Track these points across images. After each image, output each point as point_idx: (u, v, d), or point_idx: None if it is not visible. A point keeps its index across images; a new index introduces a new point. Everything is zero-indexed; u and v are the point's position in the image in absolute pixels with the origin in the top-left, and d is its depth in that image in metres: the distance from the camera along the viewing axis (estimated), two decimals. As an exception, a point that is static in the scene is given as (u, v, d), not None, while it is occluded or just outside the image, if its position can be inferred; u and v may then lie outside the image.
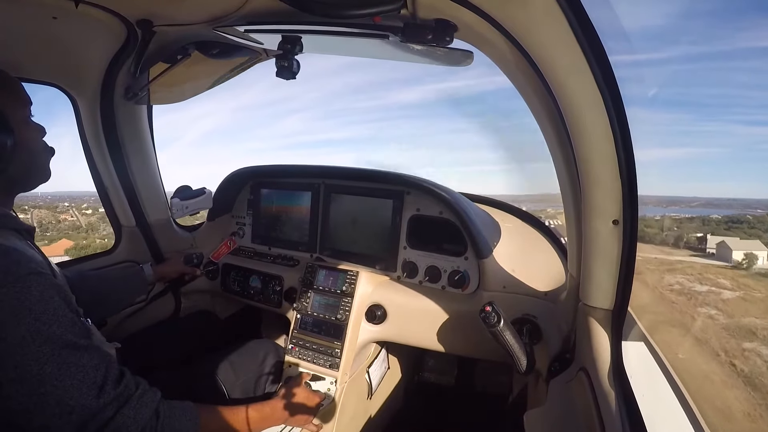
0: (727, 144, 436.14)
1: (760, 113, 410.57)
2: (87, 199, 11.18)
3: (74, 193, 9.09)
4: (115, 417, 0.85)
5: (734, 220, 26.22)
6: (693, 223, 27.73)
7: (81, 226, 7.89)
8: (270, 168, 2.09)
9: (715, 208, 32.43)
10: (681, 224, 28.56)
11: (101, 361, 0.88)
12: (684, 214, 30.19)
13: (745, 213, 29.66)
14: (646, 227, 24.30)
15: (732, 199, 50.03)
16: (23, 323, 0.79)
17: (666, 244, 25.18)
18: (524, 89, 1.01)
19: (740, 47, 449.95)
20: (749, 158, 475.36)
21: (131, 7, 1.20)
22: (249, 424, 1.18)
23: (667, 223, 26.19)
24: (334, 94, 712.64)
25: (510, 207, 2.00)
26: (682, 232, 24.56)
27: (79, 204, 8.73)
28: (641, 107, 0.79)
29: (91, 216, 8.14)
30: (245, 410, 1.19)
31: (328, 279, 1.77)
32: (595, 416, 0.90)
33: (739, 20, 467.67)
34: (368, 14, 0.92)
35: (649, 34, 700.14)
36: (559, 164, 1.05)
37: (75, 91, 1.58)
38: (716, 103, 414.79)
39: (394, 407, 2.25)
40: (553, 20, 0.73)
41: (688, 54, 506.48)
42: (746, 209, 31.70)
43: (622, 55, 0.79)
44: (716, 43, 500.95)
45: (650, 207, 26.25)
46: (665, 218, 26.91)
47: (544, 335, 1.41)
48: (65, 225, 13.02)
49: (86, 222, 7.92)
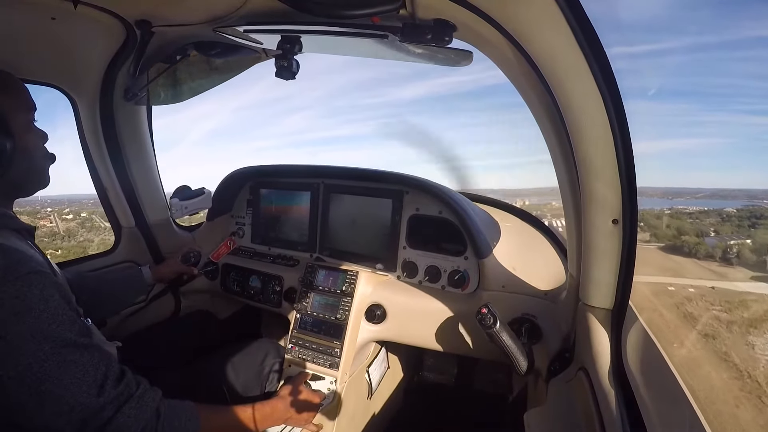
0: (731, 134, 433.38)
1: (764, 103, 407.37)
2: (85, 202, 11.14)
3: (62, 197, 9.04)
4: (115, 416, 0.85)
5: (756, 214, 23.81)
6: (710, 217, 25.21)
7: (58, 232, 7.84)
8: (269, 168, 2.09)
9: (721, 199, 30.76)
10: (698, 219, 25.36)
11: (102, 359, 0.88)
12: (693, 206, 28.12)
13: (755, 204, 28.01)
14: (681, 234, 20.18)
15: (736, 190, 48.58)
16: (23, 321, 0.79)
17: (712, 258, 18.89)
18: (523, 89, 1.01)
19: (745, 36, 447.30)
20: (753, 148, 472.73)
21: (130, 7, 1.20)
22: (249, 424, 1.18)
23: (704, 227, 22.21)
24: (337, 92, 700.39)
25: (510, 206, 2.00)
26: (732, 243, 19.32)
27: (62, 209, 8.66)
28: (644, 99, 0.79)
29: (71, 221, 8.06)
30: (245, 410, 1.19)
31: (328, 279, 1.77)
32: (594, 416, 0.90)
33: (745, 10, 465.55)
34: (367, 14, 0.93)
35: (651, 26, 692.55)
36: (558, 163, 1.05)
37: (74, 92, 1.58)
38: (720, 93, 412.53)
39: (393, 407, 2.25)
40: (552, 20, 0.73)
41: (692, 44, 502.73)
42: (753, 200, 30.31)
43: (623, 47, 0.79)
44: (722, 32, 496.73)
45: (655, 199, 23.68)
46: (700, 219, 23.23)
47: (544, 335, 1.41)
48: (41, 232, 12.87)
49: (65, 228, 7.84)
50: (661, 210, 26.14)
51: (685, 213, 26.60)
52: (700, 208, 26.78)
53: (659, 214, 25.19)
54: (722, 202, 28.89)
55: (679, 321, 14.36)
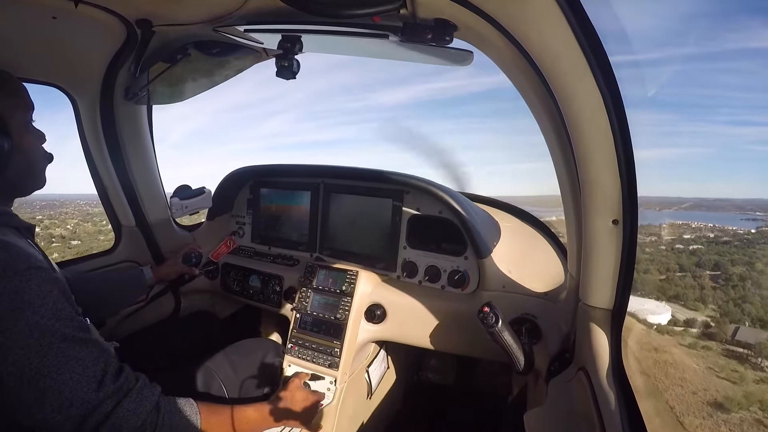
0: (712, 144, 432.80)
1: (746, 114, 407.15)
2: (68, 204, 11.14)
3: (44, 197, 8.94)
4: (115, 410, 0.85)
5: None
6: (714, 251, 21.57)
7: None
8: (270, 167, 2.09)
9: (706, 210, 29.06)
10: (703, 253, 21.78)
11: (100, 354, 0.88)
12: (691, 221, 24.91)
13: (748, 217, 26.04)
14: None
15: (720, 200, 47.59)
16: (22, 316, 0.79)
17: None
18: (524, 89, 1.01)
19: (728, 48, 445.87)
20: (734, 158, 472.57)
21: (130, 7, 1.20)
22: (249, 424, 1.18)
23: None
24: (319, 95, 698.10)
25: (510, 206, 2.00)
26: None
27: (33, 214, 8.62)
28: (632, 108, 0.79)
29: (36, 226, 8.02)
30: (245, 410, 1.19)
31: (328, 278, 1.77)
32: (594, 416, 0.90)
33: (729, 22, 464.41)
34: (367, 14, 0.93)
35: (638, 35, 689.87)
36: (558, 164, 1.05)
37: (75, 91, 1.58)
38: (702, 104, 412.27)
39: (393, 407, 2.25)
40: (553, 19, 0.73)
41: (675, 55, 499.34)
42: (740, 210, 28.67)
43: (621, 56, 0.79)
44: (705, 44, 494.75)
45: (641, 210, 23.46)
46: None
47: (544, 335, 1.41)
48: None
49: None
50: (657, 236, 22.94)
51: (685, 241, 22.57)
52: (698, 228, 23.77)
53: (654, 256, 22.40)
54: (706, 212, 26.73)
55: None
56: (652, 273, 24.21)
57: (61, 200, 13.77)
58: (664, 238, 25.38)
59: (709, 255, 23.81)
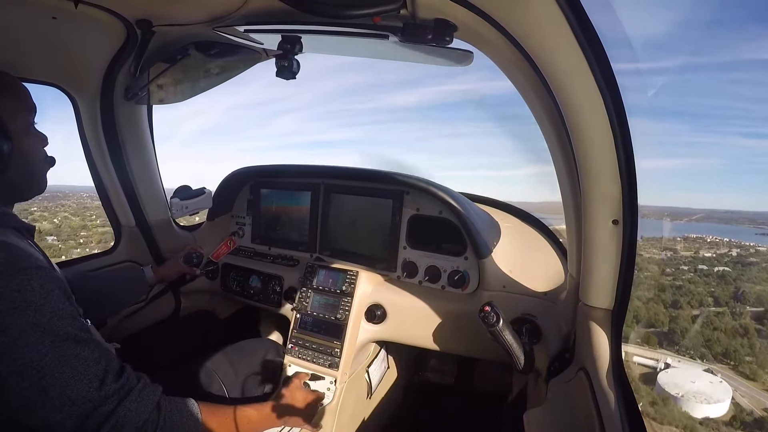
0: (725, 155, 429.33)
1: (759, 126, 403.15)
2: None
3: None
4: (116, 409, 0.85)
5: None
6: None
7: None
8: (270, 168, 2.09)
9: (717, 222, 27.20)
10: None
11: (102, 354, 0.88)
12: (705, 235, 21.86)
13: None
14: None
15: (731, 211, 46.24)
16: (23, 316, 0.79)
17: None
18: (524, 89, 1.01)
19: (743, 59, 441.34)
20: (747, 170, 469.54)
21: (130, 7, 1.20)
22: (249, 424, 1.18)
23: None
24: (328, 96, 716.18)
25: (510, 207, 2.00)
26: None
27: (29, 205, 8.44)
28: (636, 116, 0.79)
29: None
30: (245, 410, 1.19)
31: (328, 279, 1.77)
32: (594, 416, 0.90)
33: (743, 31, 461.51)
34: (368, 14, 0.93)
35: (647, 42, 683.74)
36: (559, 164, 1.05)
37: (75, 91, 1.58)
38: (715, 114, 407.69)
39: (393, 407, 2.25)
40: (553, 20, 0.73)
41: (688, 64, 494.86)
42: (754, 224, 26.08)
43: (622, 63, 0.79)
44: (718, 53, 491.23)
45: (652, 220, 20.64)
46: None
47: (544, 335, 1.41)
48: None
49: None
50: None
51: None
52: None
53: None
54: (717, 224, 24.42)
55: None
56: (684, 308, 20.27)
57: (65, 192, 13.66)
58: (680, 253, 22.60)
59: (742, 282, 20.57)
